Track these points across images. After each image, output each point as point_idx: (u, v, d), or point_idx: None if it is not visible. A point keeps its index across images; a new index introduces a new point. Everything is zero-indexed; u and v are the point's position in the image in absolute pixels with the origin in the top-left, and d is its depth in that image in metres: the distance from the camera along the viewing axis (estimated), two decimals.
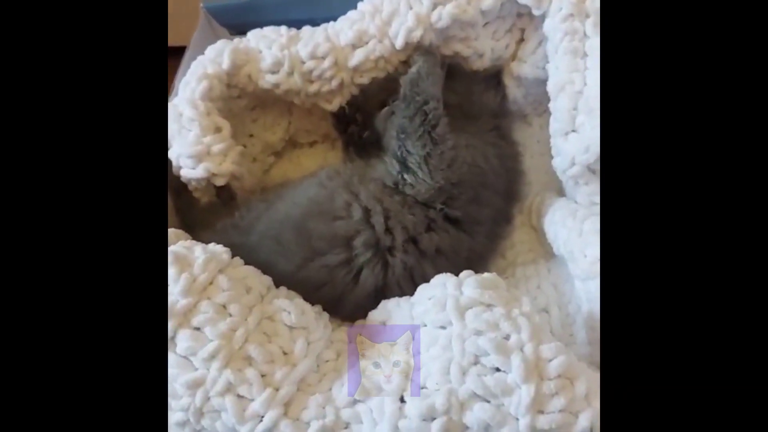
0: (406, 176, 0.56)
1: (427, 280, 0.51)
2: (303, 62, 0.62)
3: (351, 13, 0.64)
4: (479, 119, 0.65)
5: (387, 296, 0.54)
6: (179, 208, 0.62)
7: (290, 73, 0.62)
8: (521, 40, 0.66)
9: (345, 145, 0.71)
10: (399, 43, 0.61)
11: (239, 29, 0.66)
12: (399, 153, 0.57)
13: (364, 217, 0.54)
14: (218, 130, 0.59)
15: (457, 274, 0.49)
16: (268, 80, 0.63)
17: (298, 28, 0.65)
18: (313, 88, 0.63)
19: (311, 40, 0.62)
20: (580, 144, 0.53)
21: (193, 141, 0.57)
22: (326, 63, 0.61)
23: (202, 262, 0.47)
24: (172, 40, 0.71)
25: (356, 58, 0.62)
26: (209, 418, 0.43)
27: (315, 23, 0.65)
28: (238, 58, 0.62)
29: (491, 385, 0.40)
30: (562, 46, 0.56)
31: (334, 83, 0.63)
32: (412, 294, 0.51)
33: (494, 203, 0.60)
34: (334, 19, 0.64)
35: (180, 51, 0.68)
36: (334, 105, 0.66)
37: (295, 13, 0.65)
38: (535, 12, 0.60)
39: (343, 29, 0.62)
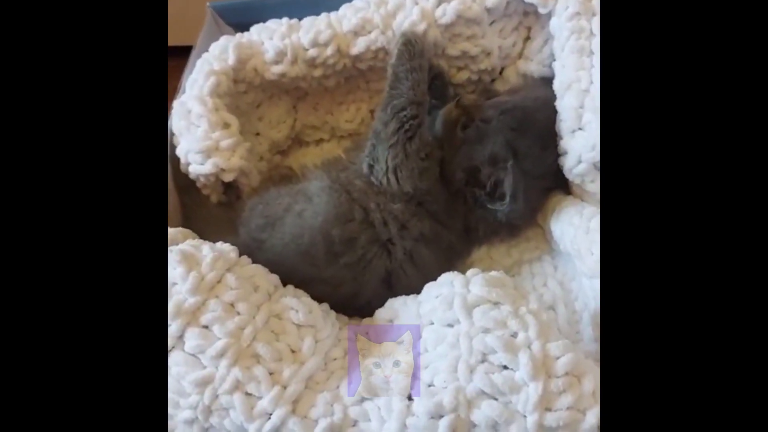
0: (372, 177, 0.56)
1: (425, 261, 0.51)
2: (306, 49, 0.62)
3: (356, 2, 0.64)
4: None
5: (394, 281, 0.55)
6: (187, 207, 0.63)
7: (294, 62, 0.63)
8: (528, 38, 0.66)
9: None
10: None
11: (245, 28, 0.66)
12: (368, 158, 0.57)
13: (364, 217, 0.55)
14: (226, 125, 0.59)
15: (440, 261, 0.49)
16: (273, 71, 0.63)
17: None
18: (317, 72, 0.64)
19: (312, 27, 0.62)
20: (586, 142, 0.54)
21: (201, 137, 0.57)
22: (329, 50, 0.62)
23: (210, 261, 0.47)
24: (180, 40, 0.72)
25: (358, 46, 0.62)
26: (217, 416, 0.43)
27: None
28: (243, 52, 0.62)
29: (499, 383, 0.40)
30: (569, 45, 0.56)
31: (338, 68, 0.64)
32: (415, 275, 0.52)
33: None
34: None
35: (187, 50, 0.69)
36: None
37: (300, 12, 0.66)
38: (542, 10, 0.60)
39: (346, 15, 0.63)
